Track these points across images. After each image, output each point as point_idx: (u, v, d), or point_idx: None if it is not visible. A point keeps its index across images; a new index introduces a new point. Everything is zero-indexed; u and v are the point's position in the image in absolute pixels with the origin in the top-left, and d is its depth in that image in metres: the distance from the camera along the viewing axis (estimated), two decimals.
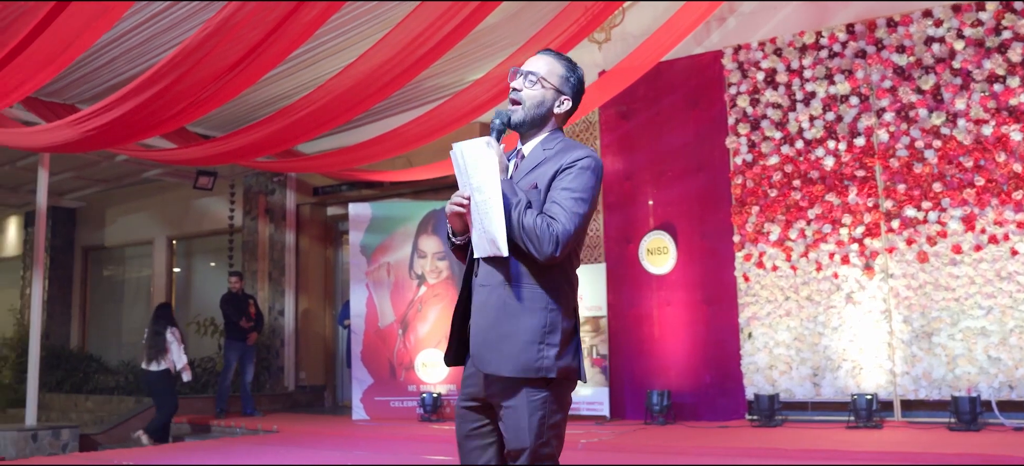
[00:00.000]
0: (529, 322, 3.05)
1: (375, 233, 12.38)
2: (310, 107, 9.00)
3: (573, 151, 3.16)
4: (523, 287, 3.08)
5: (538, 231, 3.00)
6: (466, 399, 3.23)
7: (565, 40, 9.19)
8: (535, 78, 3.27)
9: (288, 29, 6.95)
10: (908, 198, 9.56)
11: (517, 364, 3.03)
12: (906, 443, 8.12)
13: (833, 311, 9.90)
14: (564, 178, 3.10)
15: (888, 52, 9.77)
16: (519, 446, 3.05)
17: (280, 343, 14.79)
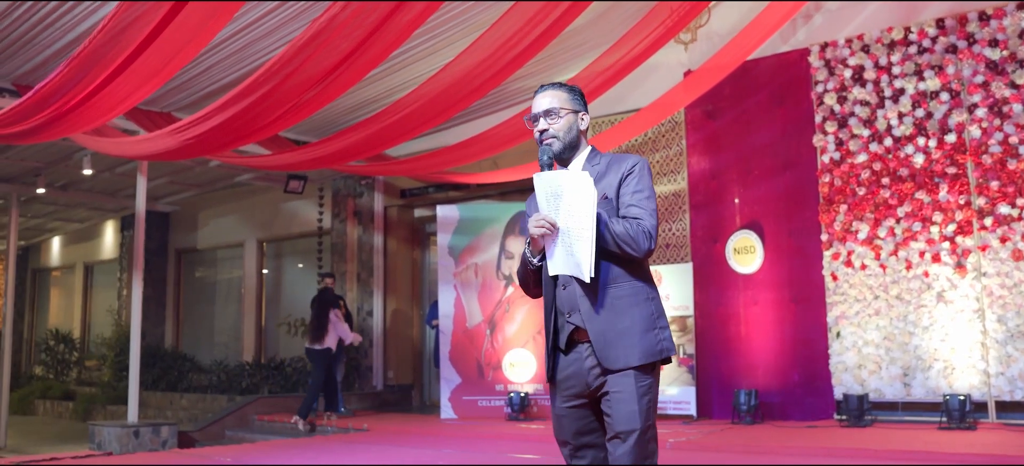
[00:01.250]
0: (640, 313, 3.43)
1: (462, 234, 12.55)
2: (403, 111, 9.15)
3: (624, 160, 3.60)
4: (624, 285, 3.45)
5: (632, 232, 3.38)
6: (571, 399, 3.52)
7: (652, 41, 9.26)
8: (555, 112, 3.65)
9: (383, 34, 7.09)
10: (1002, 195, 9.41)
11: (642, 351, 3.39)
12: (1001, 445, 8.00)
13: (924, 310, 9.79)
14: (630, 183, 3.51)
15: (980, 46, 9.63)
16: (629, 428, 3.33)
17: (369, 343, 15.05)
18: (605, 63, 9.56)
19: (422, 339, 15.32)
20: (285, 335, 15.94)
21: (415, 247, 15.67)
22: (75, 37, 9.42)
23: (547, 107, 3.65)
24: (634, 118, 11.02)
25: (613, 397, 3.37)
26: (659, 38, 9.28)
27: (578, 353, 3.51)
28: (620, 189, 3.51)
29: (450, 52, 10.14)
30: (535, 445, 9.65)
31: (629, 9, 10.22)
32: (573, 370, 3.51)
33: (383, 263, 15.30)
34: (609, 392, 3.39)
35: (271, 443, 11.19)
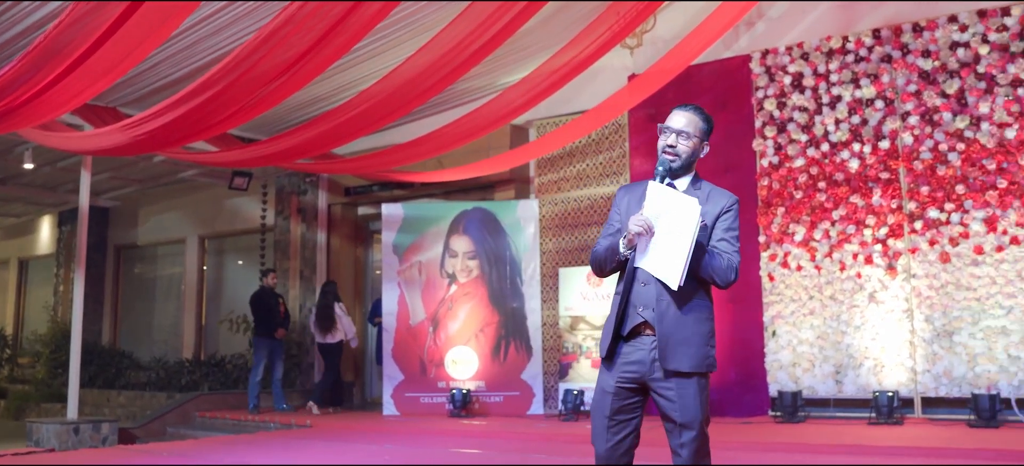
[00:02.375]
0: (700, 329, 3.91)
1: (407, 233, 12.67)
2: (354, 111, 9.23)
3: (723, 196, 4.05)
4: (694, 302, 3.92)
5: (725, 267, 3.90)
6: (626, 381, 3.95)
7: (599, 45, 9.45)
8: (687, 134, 4.03)
9: (339, 33, 7.18)
10: (931, 200, 9.79)
11: (695, 361, 3.86)
12: (925, 439, 8.35)
13: (856, 310, 10.13)
14: (725, 219, 3.98)
15: (913, 57, 10.02)
16: (690, 419, 3.83)
17: (310, 341, 15.06)
18: (553, 66, 9.76)
19: (364, 336, 15.37)
20: (227, 332, 15.88)
21: (358, 245, 15.72)
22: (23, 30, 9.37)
23: (682, 127, 4.04)
24: (580, 120, 11.24)
25: (678, 394, 3.84)
26: (606, 42, 9.50)
27: (642, 344, 3.94)
28: (716, 222, 3.96)
29: (399, 51, 10.27)
30: (477, 441, 9.79)
31: (576, 13, 10.42)
32: (637, 357, 3.94)
33: (326, 260, 15.33)
34: (673, 389, 3.85)
35: (215, 439, 11.18)
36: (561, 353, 11.84)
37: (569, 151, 12.43)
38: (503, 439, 9.83)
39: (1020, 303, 9.30)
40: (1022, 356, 9.23)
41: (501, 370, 12.26)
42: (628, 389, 3.94)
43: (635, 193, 4.10)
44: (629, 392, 3.94)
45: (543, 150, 12.29)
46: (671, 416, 3.87)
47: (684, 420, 3.83)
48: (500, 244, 12.52)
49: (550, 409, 12.15)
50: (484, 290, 12.47)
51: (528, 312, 12.37)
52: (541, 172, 12.75)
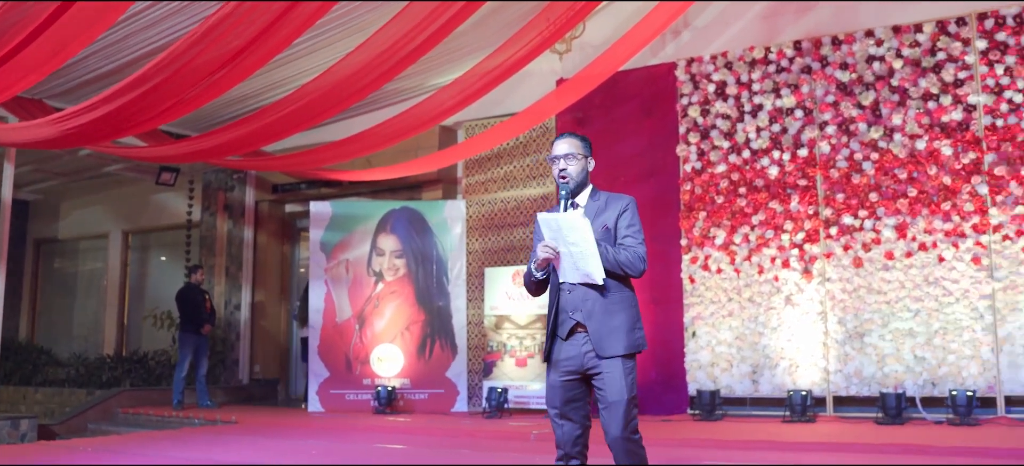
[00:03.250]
0: (627, 316, 4.48)
1: (335, 231, 12.73)
2: (287, 109, 9.26)
3: (620, 199, 4.65)
4: (615, 295, 4.48)
5: (631, 259, 4.47)
6: (567, 375, 4.51)
7: (530, 49, 9.61)
8: (572, 156, 4.63)
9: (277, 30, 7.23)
10: (846, 207, 10.18)
11: (626, 344, 4.43)
12: (835, 435, 8.69)
13: (773, 312, 10.47)
14: (625, 218, 4.58)
15: (832, 69, 10.41)
16: (620, 398, 4.36)
17: (235, 337, 15.03)
18: (485, 68, 9.90)
19: (289, 334, 15.37)
20: (150, 328, 15.74)
21: (285, 242, 15.70)
22: None
23: (566, 152, 4.64)
24: (508, 123, 11.41)
25: (606, 376, 4.40)
26: (537, 46, 9.67)
27: (577, 341, 4.50)
28: (618, 222, 4.56)
29: (333, 50, 10.35)
30: (402, 437, 9.89)
31: (508, 16, 10.58)
32: (573, 353, 4.51)
33: (252, 257, 15.31)
34: (602, 372, 4.41)
35: (139, 435, 11.04)
36: (486, 351, 11.99)
37: (497, 153, 12.60)
38: (428, 435, 9.95)
39: (927, 306, 9.73)
40: (927, 357, 9.66)
41: (426, 368, 12.38)
42: (572, 381, 4.51)
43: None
44: (573, 383, 4.51)
45: (471, 151, 12.44)
46: (602, 394, 4.41)
47: (613, 397, 4.37)
48: (427, 243, 12.65)
49: (474, 407, 12.30)
50: (410, 288, 12.59)
51: (454, 311, 12.51)
52: (469, 173, 12.90)
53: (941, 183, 9.79)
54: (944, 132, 9.86)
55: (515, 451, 8.52)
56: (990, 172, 9.63)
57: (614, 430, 4.36)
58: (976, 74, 9.80)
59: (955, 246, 9.70)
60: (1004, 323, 9.46)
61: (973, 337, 9.55)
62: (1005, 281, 9.49)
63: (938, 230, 9.76)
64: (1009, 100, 9.62)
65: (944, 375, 9.60)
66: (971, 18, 9.90)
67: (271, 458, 8.26)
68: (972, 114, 9.79)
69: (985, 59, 9.77)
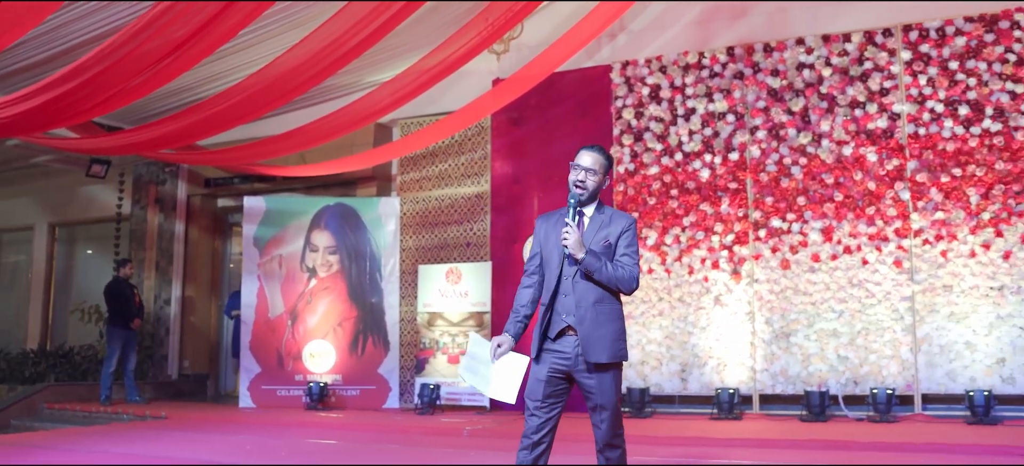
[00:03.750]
0: (612, 328, 4.72)
1: (268, 226, 12.69)
2: (227, 103, 9.22)
3: (623, 217, 4.88)
4: (606, 306, 4.72)
5: (627, 277, 4.72)
6: (555, 371, 4.73)
7: (468, 49, 9.70)
8: (594, 171, 4.81)
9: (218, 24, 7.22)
10: (775, 210, 10.45)
11: (611, 353, 4.68)
12: (761, 431, 8.92)
13: (702, 312, 10.68)
14: (625, 237, 4.80)
15: (763, 75, 10.69)
16: (607, 402, 4.66)
17: (165, 332, 14.88)
18: (422, 67, 9.97)
19: (219, 329, 15.26)
20: (77, 322, 15.50)
21: (217, 236, 15.58)
22: None
23: (589, 165, 4.82)
24: (444, 121, 11.48)
25: (597, 382, 4.65)
26: (475, 46, 9.77)
27: (567, 342, 4.72)
28: (619, 240, 4.78)
29: (273, 44, 10.33)
30: (335, 432, 9.89)
31: (446, 16, 10.65)
32: (565, 351, 4.72)
33: (183, 251, 15.16)
34: (593, 378, 4.66)
35: (67, 431, 10.90)
36: (418, 348, 12.04)
37: (432, 151, 12.67)
38: (360, 431, 9.98)
39: (850, 308, 10.04)
40: (850, 356, 9.97)
41: (358, 364, 12.40)
42: (558, 377, 4.74)
43: (551, 221, 4.91)
44: (558, 380, 4.74)
45: (406, 149, 12.49)
46: (594, 399, 4.68)
47: (602, 402, 4.67)
48: (361, 240, 12.67)
49: (406, 403, 12.34)
50: (343, 285, 12.60)
51: (387, 307, 12.55)
52: (403, 170, 12.94)
53: (866, 188, 10.11)
54: (869, 139, 10.18)
55: (449, 447, 8.59)
56: (912, 179, 9.97)
57: (603, 430, 4.72)
58: (901, 84, 10.14)
59: (878, 250, 10.02)
60: (922, 324, 9.80)
61: (893, 337, 9.88)
62: (924, 284, 9.83)
63: (862, 234, 10.08)
64: (931, 110, 9.98)
65: (866, 374, 9.91)
66: (897, 30, 10.24)
67: (205, 454, 8.24)
68: (896, 122, 10.13)
69: (909, 69, 10.12)
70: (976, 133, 9.80)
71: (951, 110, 9.92)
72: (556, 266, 4.81)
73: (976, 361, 9.59)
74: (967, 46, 9.95)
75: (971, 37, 9.94)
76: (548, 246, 4.87)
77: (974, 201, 9.72)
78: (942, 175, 9.88)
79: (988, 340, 9.58)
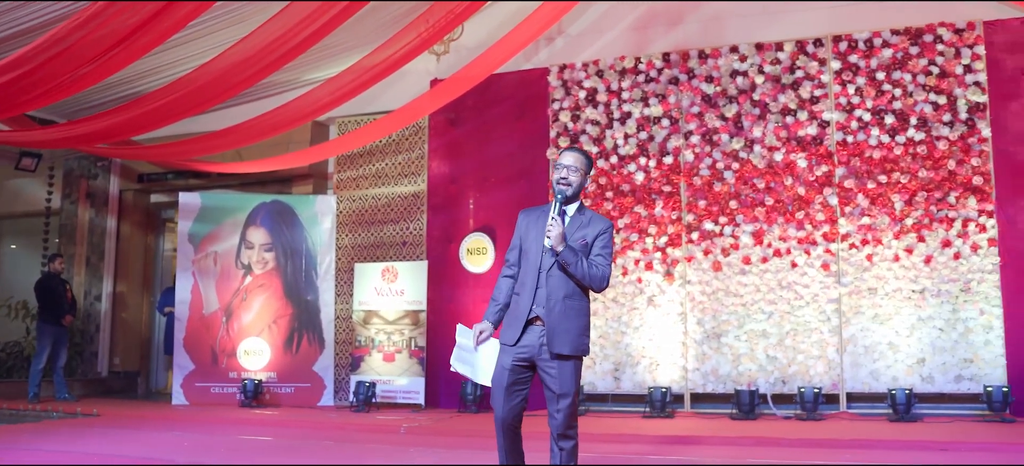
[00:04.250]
0: (578, 323, 5.07)
1: (204, 222, 12.62)
2: (166, 99, 9.17)
3: (601, 221, 5.23)
4: (575, 301, 5.08)
5: (599, 276, 5.08)
6: (520, 359, 5.05)
7: (409, 50, 9.76)
8: (576, 169, 5.17)
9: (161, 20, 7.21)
10: (707, 213, 10.70)
11: (573, 346, 5.02)
12: (692, 429, 9.18)
13: (636, 312, 10.90)
14: (602, 239, 5.14)
15: (698, 81, 10.94)
16: (566, 391, 5.00)
17: (95, 328, 14.70)
18: (363, 66, 10.01)
19: (151, 325, 15.13)
20: (6, 318, 15.22)
21: (149, 232, 15.43)
22: None
23: (570, 164, 5.17)
24: (382, 121, 11.53)
25: (556, 372, 4.99)
26: (416, 47, 9.84)
27: (533, 332, 5.05)
28: (595, 240, 5.11)
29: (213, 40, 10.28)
30: (270, 429, 9.91)
31: (386, 15, 10.70)
32: (529, 342, 5.05)
33: (115, 247, 14.99)
34: (553, 368, 4.99)
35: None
36: (354, 346, 12.08)
37: (368, 149, 12.70)
38: (296, 428, 9.99)
39: (779, 309, 10.34)
40: (779, 356, 10.27)
41: (293, 361, 12.40)
42: (521, 366, 5.05)
43: (533, 216, 5.27)
44: (522, 368, 5.05)
45: (344, 148, 12.51)
46: (552, 388, 5.01)
47: (561, 391, 4.99)
48: (296, 237, 12.66)
49: (340, 401, 12.37)
50: (279, 282, 12.58)
51: (322, 305, 12.57)
52: (340, 168, 12.96)
53: (796, 193, 10.41)
54: (800, 146, 10.48)
55: (386, 444, 8.67)
56: (840, 185, 10.29)
57: (559, 420, 5.02)
58: (830, 92, 10.47)
59: (807, 253, 10.33)
60: (848, 325, 10.13)
61: (821, 338, 10.19)
62: (850, 286, 10.15)
63: (792, 238, 10.39)
64: (859, 118, 10.31)
65: (793, 373, 10.21)
66: (827, 40, 10.56)
67: (142, 451, 8.21)
68: (826, 130, 10.45)
69: (839, 79, 10.45)
70: (901, 142, 10.16)
71: (878, 119, 10.27)
72: (534, 259, 5.13)
73: (898, 361, 9.94)
74: (893, 58, 10.31)
75: (897, 49, 10.29)
76: (528, 239, 5.20)
77: (898, 207, 10.08)
78: (868, 182, 10.22)
79: (910, 341, 9.94)
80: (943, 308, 9.89)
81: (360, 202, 12.80)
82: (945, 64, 10.14)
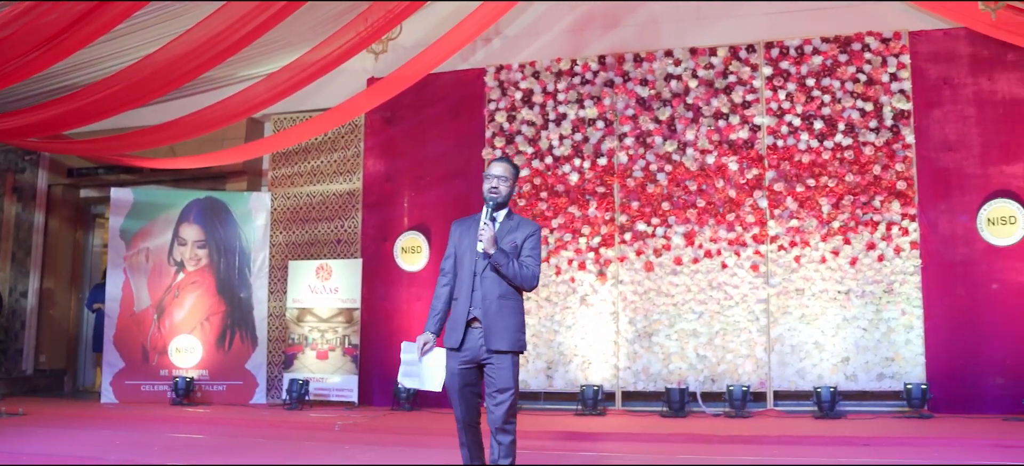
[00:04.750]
0: (513, 321, 5.41)
1: (136, 218, 12.48)
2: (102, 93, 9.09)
3: (529, 225, 5.60)
4: (509, 301, 5.42)
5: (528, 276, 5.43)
6: (466, 362, 5.37)
7: (346, 49, 9.80)
8: (505, 179, 5.53)
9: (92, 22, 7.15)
10: (640, 214, 10.87)
11: (510, 343, 5.35)
12: (624, 426, 9.37)
13: (568, 311, 11.03)
14: (530, 241, 5.51)
15: (633, 84, 11.11)
16: (506, 385, 5.30)
17: (20, 326, 14.45)
18: (301, 64, 10.02)
19: (79, 322, 14.91)
20: None
21: (79, 228, 15.20)
22: None
23: (500, 174, 5.51)
24: (318, 119, 11.55)
25: (496, 368, 5.31)
26: (354, 46, 9.89)
27: (474, 333, 5.38)
28: (524, 244, 5.47)
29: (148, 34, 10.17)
30: (202, 427, 9.83)
31: (324, 13, 10.68)
32: (471, 344, 5.38)
33: (42, 243, 14.74)
34: (493, 364, 5.32)
35: None
36: (287, 344, 12.04)
37: (304, 147, 12.66)
38: (229, 426, 9.93)
39: (709, 309, 10.55)
40: (708, 355, 10.49)
41: (225, 359, 12.32)
42: (468, 368, 5.39)
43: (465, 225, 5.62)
44: (470, 371, 5.39)
45: (279, 145, 12.46)
46: (493, 383, 5.32)
47: (501, 385, 5.31)
48: (230, 234, 12.59)
49: (273, 399, 12.31)
50: (212, 279, 12.49)
51: (255, 302, 12.50)
52: (275, 166, 12.90)
53: (727, 196, 10.63)
54: (731, 149, 10.70)
55: (321, 442, 8.66)
56: (770, 188, 10.54)
57: (498, 413, 5.30)
58: (762, 97, 10.71)
59: (737, 254, 10.54)
60: (776, 325, 10.36)
61: (749, 338, 10.41)
62: (779, 287, 10.39)
63: (722, 239, 10.60)
64: (789, 123, 10.56)
65: (722, 372, 10.43)
66: (760, 46, 10.80)
67: (72, 450, 8.08)
68: (757, 134, 10.68)
69: (770, 84, 10.69)
70: (829, 147, 10.43)
71: (807, 124, 10.53)
72: (469, 265, 5.47)
73: (824, 360, 10.20)
74: (823, 65, 10.57)
75: (827, 57, 10.56)
76: (462, 247, 5.55)
77: (826, 210, 10.34)
78: (797, 185, 10.46)
79: (835, 340, 10.20)
80: (867, 309, 10.17)
81: (295, 199, 12.76)
82: (872, 72, 10.43)
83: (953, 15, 9.90)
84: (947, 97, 10.32)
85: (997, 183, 10.12)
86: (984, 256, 10.03)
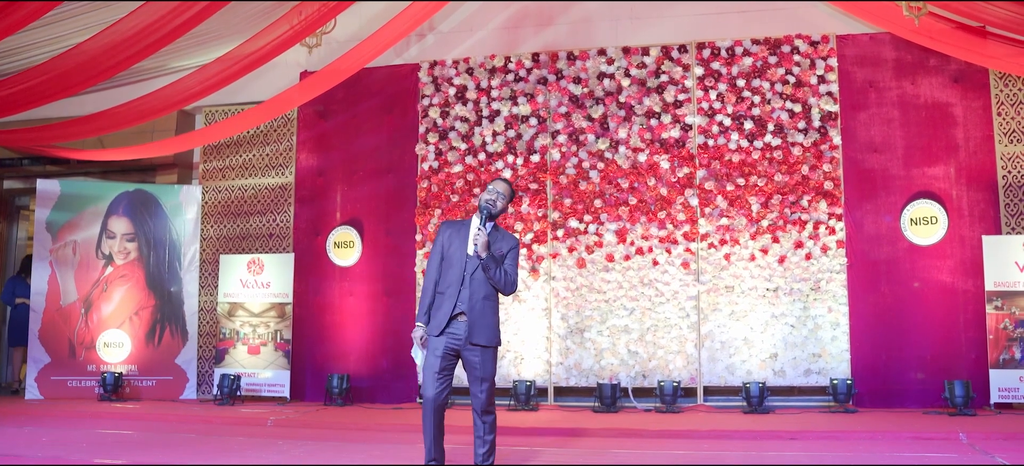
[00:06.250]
0: (492, 319, 6.10)
1: (62, 211, 12.27)
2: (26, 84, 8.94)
3: (511, 238, 6.29)
4: (490, 302, 6.09)
5: (509, 282, 6.13)
6: (448, 349, 6.00)
7: (280, 43, 9.75)
8: (503, 196, 6.20)
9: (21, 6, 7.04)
10: (573, 211, 10.96)
11: (489, 338, 6.06)
12: (556, 421, 9.43)
13: (501, 307, 11.03)
14: (512, 253, 6.18)
15: (566, 82, 11.19)
16: (487, 375, 6.06)
17: None
18: (235, 56, 9.95)
19: None
20: None
21: (2, 220, 14.89)
22: None
23: (501, 191, 6.19)
24: (250, 112, 11.46)
25: (478, 359, 6.01)
26: (288, 39, 9.85)
27: (459, 325, 6.00)
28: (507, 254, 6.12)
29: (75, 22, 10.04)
30: (131, 423, 9.75)
31: (255, 7, 10.61)
32: (457, 333, 6.00)
33: None
34: (476, 355, 6.01)
35: None
36: (218, 339, 11.93)
37: (236, 140, 12.55)
38: (159, 421, 9.86)
39: (641, 305, 10.67)
40: (639, 351, 10.62)
41: (155, 354, 12.18)
42: (450, 354, 6.02)
43: (455, 227, 6.22)
44: (450, 356, 6.03)
45: (211, 138, 12.33)
46: (476, 372, 6.05)
47: (483, 375, 6.05)
48: (160, 227, 12.44)
49: (203, 394, 12.20)
50: (141, 273, 12.34)
51: (186, 296, 12.37)
52: (206, 158, 12.76)
53: (658, 194, 10.76)
54: (663, 148, 10.83)
55: (254, 437, 8.64)
56: (701, 186, 10.68)
57: (483, 398, 6.06)
58: (693, 97, 10.86)
59: (668, 251, 10.69)
60: (706, 322, 10.53)
61: (680, 334, 10.57)
62: (709, 284, 10.56)
63: (654, 236, 10.74)
64: (719, 123, 10.73)
65: (653, 367, 10.57)
66: (692, 47, 10.94)
67: None
68: (688, 133, 10.82)
69: (701, 84, 10.84)
70: (759, 147, 10.62)
71: (737, 124, 10.71)
72: (458, 265, 6.06)
73: (752, 356, 10.39)
74: (753, 66, 10.76)
75: (757, 58, 10.75)
76: (451, 248, 6.12)
77: (755, 209, 10.52)
78: (727, 184, 10.64)
79: (763, 337, 10.40)
80: (795, 306, 10.38)
81: (226, 193, 12.64)
82: (801, 74, 10.64)
83: (878, 20, 10.12)
84: (872, 100, 10.57)
85: (920, 184, 10.39)
86: (907, 255, 10.30)
